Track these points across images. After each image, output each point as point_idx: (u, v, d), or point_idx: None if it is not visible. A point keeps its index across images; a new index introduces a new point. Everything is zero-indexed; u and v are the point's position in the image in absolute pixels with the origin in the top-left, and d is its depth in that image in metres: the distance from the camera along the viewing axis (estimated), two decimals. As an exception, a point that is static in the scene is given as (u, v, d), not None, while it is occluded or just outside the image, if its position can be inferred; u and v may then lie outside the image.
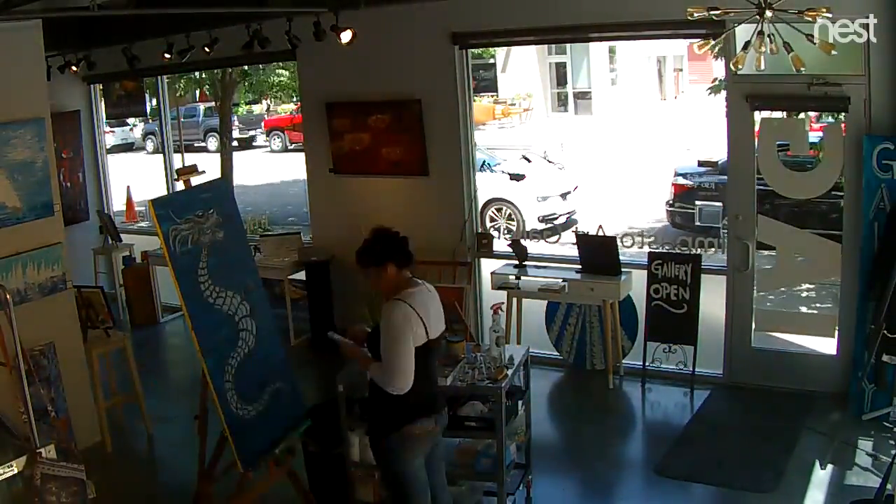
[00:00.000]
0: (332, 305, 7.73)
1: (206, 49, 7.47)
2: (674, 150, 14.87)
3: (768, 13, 3.95)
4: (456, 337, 4.74)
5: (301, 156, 8.56)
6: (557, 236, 7.50)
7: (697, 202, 9.84)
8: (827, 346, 6.06)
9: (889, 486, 4.23)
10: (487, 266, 7.23)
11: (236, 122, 20.03)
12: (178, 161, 10.34)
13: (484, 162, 11.90)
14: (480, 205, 7.61)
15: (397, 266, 3.71)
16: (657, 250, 6.60)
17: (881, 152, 5.40)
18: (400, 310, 3.59)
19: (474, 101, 7.58)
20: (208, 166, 5.57)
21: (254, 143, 22.36)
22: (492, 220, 11.67)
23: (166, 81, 9.76)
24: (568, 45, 21.74)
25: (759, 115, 6.00)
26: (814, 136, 7.23)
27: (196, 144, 20.28)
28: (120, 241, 9.17)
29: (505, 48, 20.48)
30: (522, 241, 7.06)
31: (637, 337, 6.71)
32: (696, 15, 4.06)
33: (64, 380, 5.45)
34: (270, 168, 19.09)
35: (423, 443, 3.81)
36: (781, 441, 5.38)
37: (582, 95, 23.90)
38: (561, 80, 24.21)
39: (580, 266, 6.67)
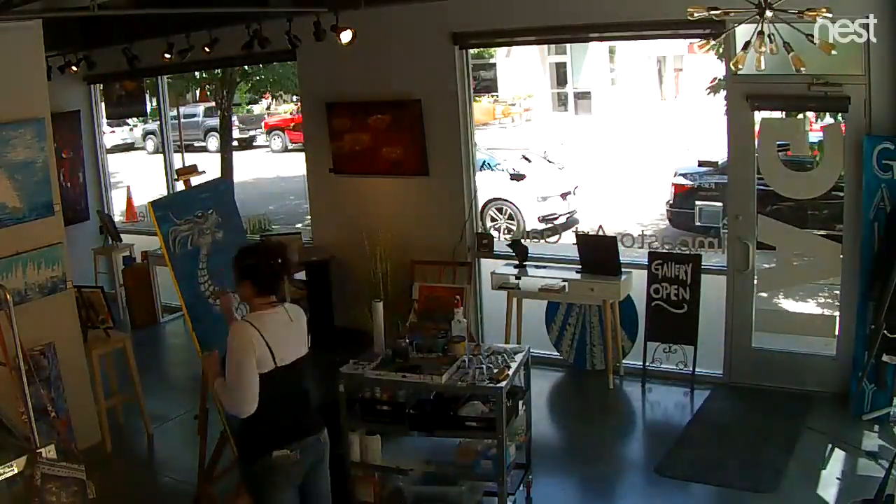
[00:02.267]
0: (332, 305, 7.73)
1: (206, 49, 7.49)
2: (674, 150, 14.88)
3: (768, 13, 3.94)
4: (456, 337, 4.74)
5: (301, 156, 8.57)
6: (557, 236, 7.49)
7: (697, 202, 9.83)
8: (827, 346, 6.06)
9: (889, 486, 4.23)
10: (487, 266, 7.23)
11: (236, 122, 20.02)
12: (178, 161, 10.36)
13: (484, 162, 11.90)
14: (480, 205, 7.61)
15: (255, 288, 3.56)
16: (657, 250, 6.59)
17: (881, 152, 5.40)
18: (243, 332, 3.42)
19: (474, 101, 7.59)
20: (208, 166, 5.58)
21: (254, 143, 22.35)
22: (492, 220, 11.68)
23: (166, 81, 9.76)
24: (568, 45, 21.73)
25: (758, 115, 6.00)
26: (814, 136, 7.23)
27: (196, 144, 20.29)
28: (120, 241, 9.18)
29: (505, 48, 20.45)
30: (522, 241, 7.06)
31: (637, 337, 6.71)
32: (696, 15, 4.06)
33: (64, 380, 5.45)
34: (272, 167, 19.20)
35: (285, 474, 3.53)
36: (781, 441, 5.38)
37: (582, 95, 23.90)
38: (561, 80, 24.21)
39: (580, 266, 6.68)
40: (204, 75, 13.87)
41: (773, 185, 6.02)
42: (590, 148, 17.58)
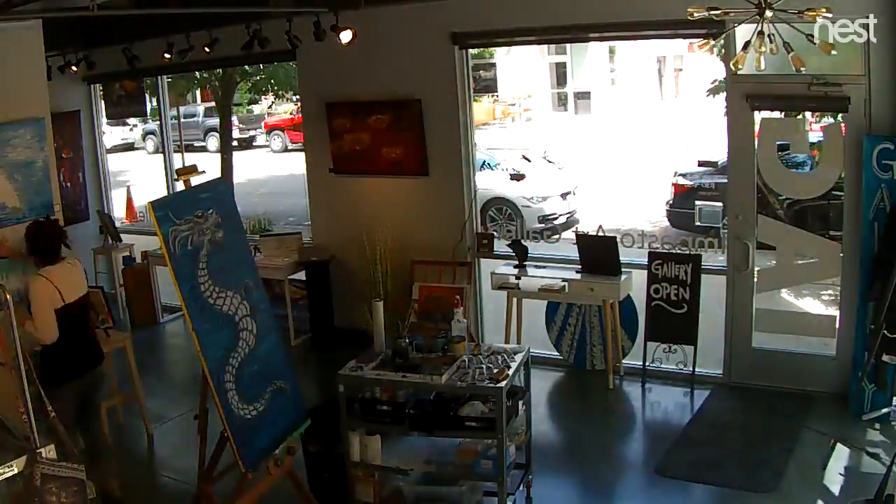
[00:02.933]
0: (332, 305, 7.73)
1: (206, 49, 7.48)
2: (674, 150, 14.88)
3: (768, 13, 3.94)
4: (456, 337, 4.74)
5: (301, 156, 8.57)
6: (557, 236, 7.51)
7: (697, 202, 9.83)
8: (827, 346, 6.06)
9: (889, 486, 4.23)
10: (487, 266, 7.23)
11: (236, 122, 20.01)
12: (178, 161, 10.35)
13: (484, 162, 11.91)
14: (480, 205, 7.63)
15: (40, 259, 4.67)
16: (657, 250, 6.60)
17: (881, 152, 5.40)
18: (37, 283, 4.54)
19: (474, 101, 7.59)
20: (208, 166, 5.57)
21: (254, 143, 22.36)
22: (492, 220, 11.68)
23: (166, 81, 9.76)
24: (568, 45, 21.74)
25: (758, 115, 6.00)
26: (813, 136, 7.23)
27: (196, 144, 20.29)
28: (120, 241, 9.17)
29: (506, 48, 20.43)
30: (522, 241, 7.06)
31: (637, 337, 6.71)
32: (696, 15, 4.05)
33: (64, 380, 5.44)
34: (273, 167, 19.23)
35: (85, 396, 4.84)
36: (781, 441, 5.38)
37: (582, 95, 23.89)
38: (561, 80, 24.20)
39: (580, 266, 6.68)
40: (205, 75, 13.86)
41: (773, 185, 6.02)
42: (590, 148, 17.58)
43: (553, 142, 16.75)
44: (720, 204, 8.94)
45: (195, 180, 4.61)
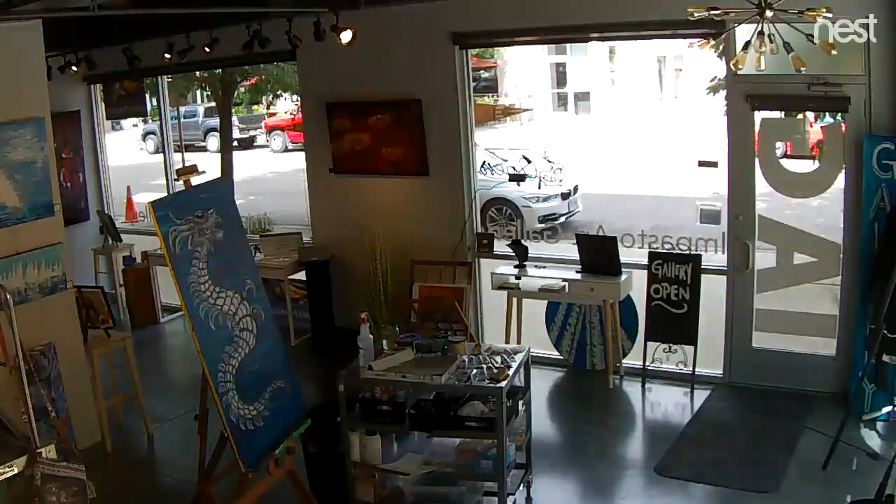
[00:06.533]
0: (332, 305, 7.73)
1: (206, 49, 7.49)
2: (674, 150, 14.85)
3: (768, 13, 3.95)
4: (456, 337, 4.74)
5: (301, 155, 8.57)
6: (557, 236, 7.51)
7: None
8: (827, 346, 6.06)
9: (889, 486, 4.23)
10: (487, 266, 7.23)
11: (236, 122, 20.00)
12: (178, 161, 10.35)
13: (484, 162, 11.89)
14: (480, 205, 7.65)
15: None
16: (657, 250, 6.60)
17: (881, 152, 5.40)
18: None
19: (476, 101, 7.60)
20: (208, 166, 5.57)
21: (254, 143, 22.35)
22: (492, 220, 11.67)
23: (166, 81, 9.76)
24: (568, 45, 21.72)
25: (758, 115, 6.00)
26: (813, 136, 7.22)
27: (196, 144, 20.28)
28: (120, 241, 9.18)
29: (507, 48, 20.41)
30: (522, 241, 7.06)
31: (637, 337, 6.71)
32: (696, 15, 4.06)
33: (64, 380, 5.45)
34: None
35: None
36: (781, 441, 5.38)
37: (582, 96, 23.88)
38: (561, 80, 24.19)
39: (580, 266, 6.68)
40: (205, 75, 13.84)
41: (773, 185, 6.02)
42: (590, 148, 17.56)
43: (553, 142, 16.72)
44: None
45: (195, 180, 4.62)
